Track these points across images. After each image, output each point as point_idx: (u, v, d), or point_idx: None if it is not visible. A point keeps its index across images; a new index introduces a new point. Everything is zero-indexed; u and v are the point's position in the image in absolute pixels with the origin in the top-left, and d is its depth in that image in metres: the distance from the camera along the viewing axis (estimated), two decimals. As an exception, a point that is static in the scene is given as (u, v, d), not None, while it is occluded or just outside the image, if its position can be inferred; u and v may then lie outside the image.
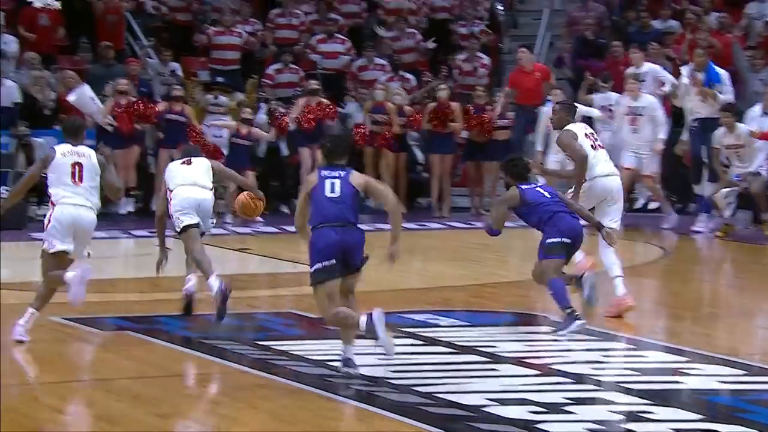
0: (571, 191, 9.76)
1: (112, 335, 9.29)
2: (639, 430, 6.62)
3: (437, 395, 7.25)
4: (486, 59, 19.10)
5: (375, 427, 6.79)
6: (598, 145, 9.97)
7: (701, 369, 8.05)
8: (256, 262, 12.95)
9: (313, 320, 9.02)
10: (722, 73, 15.42)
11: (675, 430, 6.61)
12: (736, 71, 17.33)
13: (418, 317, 9.66)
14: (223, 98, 17.42)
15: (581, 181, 9.73)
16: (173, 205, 9.62)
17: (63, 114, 16.27)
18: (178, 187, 9.64)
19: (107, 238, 13.77)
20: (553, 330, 9.14)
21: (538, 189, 9.45)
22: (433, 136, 17.26)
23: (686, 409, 7.08)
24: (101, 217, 9.29)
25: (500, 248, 10.41)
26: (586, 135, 9.98)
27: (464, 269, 10.10)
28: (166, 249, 9.73)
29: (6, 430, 6.62)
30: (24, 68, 17.21)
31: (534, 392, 7.34)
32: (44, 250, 8.91)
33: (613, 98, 16.34)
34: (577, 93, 17.06)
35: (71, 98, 16.09)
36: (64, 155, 9.00)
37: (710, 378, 7.85)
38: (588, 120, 16.33)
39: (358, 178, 7.71)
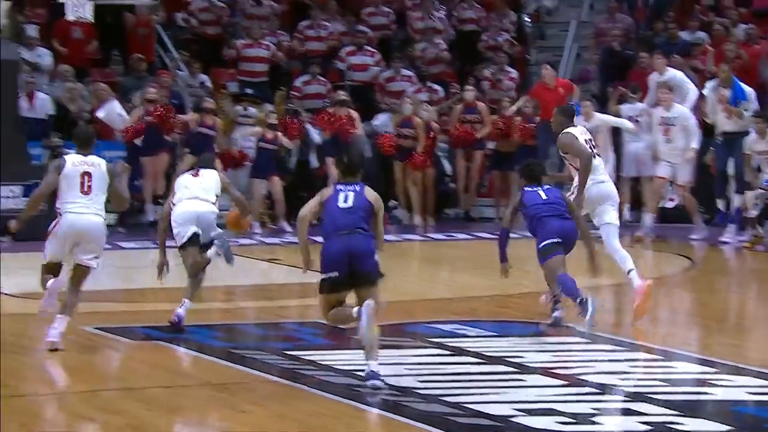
0: (570, 194, 9.85)
1: (142, 344, 9.30)
2: (667, 440, 6.59)
3: (465, 405, 7.23)
4: (514, 73, 19.08)
5: (402, 437, 6.78)
6: (595, 153, 10.12)
7: (730, 380, 7.99)
8: (285, 272, 12.95)
9: (340, 330, 9.00)
10: (748, 90, 15.33)
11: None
12: (764, 82, 17.25)
13: (446, 327, 9.63)
14: (252, 109, 17.46)
15: (585, 182, 9.82)
16: (173, 218, 9.69)
17: (95, 126, 16.38)
18: (180, 200, 9.70)
19: (136, 248, 13.81)
20: (583, 328, 9.19)
21: (539, 192, 9.56)
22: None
23: (714, 420, 7.02)
24: (132, 227, 9.34)
25: (526, 259, 10.39)
26: (585, 140, 10.11)
27: (491, 279, 10.06)
28: (166, 259, 9.75)
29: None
30: (57, 81, 17.31)
31: (561, 402, 7.30)
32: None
33: (639, 108, 16.44)
34: (607, 104, 17.04)
35: (100, 114, 16.20)
36: (74, 165, 9.03)
37: (738, 389, 7.79)
38: (616, 130, 16.37)
39: (371, 194, 7.84)
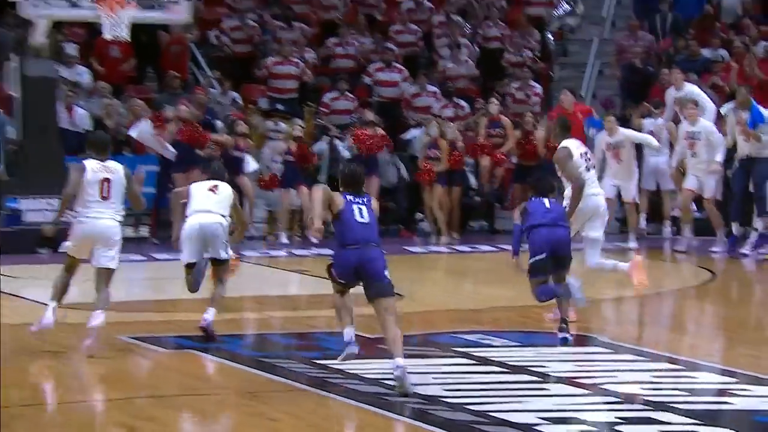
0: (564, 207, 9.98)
1: (174, 353, 9.32)
2: (688, 449, 6.54)
3: (490, 413, 7.20)
4: (538, 88, 19.04)
5: (429, 445, 6.76)
6: (591, 165, 10.25)
7: (750, 390, 7.92)
8: (313, 283, 12.94)
9: (368, 340, 9.00)
10: (766, 113, 15.21)
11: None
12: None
13: (471, 337, 9.60)
14: (282, 125, 17.49)
15: (575, 206, 9.96)
16: (182, 231, 9.69)
17: (130, 142, 16.48)
18: (192, 213, 9.68)
19: (169, 260, 13.83)
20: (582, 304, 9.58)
21: (543, 201, 9.63)
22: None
23: (734, 429, 6.96)
24: (164, 239, 9.36)
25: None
26: (580, 154, 10.18)
27: (515, 291, 10.03)
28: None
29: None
30: (95, 97, 17.40)
31: (584, 411, 7.27)
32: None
33: (660, 123, 16.47)
34: (630, 119, 17.01)
35: (133, 133, 16.27)
36: (94, 171, 9.11)
37: (758, 399, 7.72)
38: (638, 145, 16.29)
39: (375, 207, 8.22)
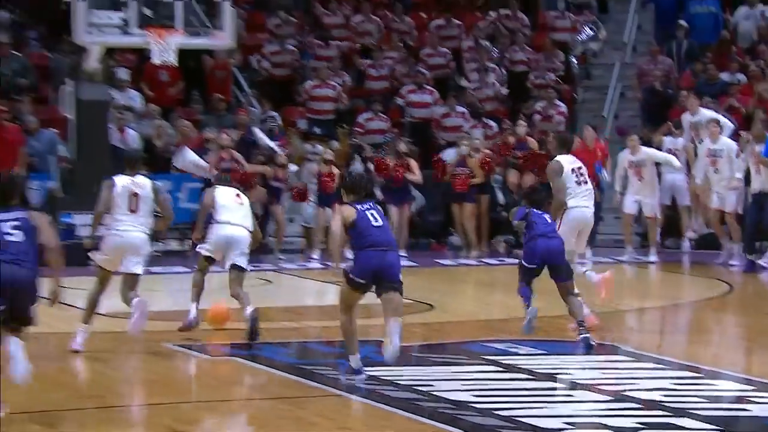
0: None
1: (219, 361, 9.31)
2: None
3: (517, 419, 7.15)
4: (563, 107, 18.98)
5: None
6: (582, 180, 10.31)
7: (767, 397, 7.83)
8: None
9: (401, 347, 8.95)
10: None
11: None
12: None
13: (499, 346, 9.56)
14: (319, 147, 17.52)
15: (556, 215, 10.14)
16: (211, 234, 9.82)
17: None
18: (222, 222, 9.79)
19: (213, 272, 13.84)
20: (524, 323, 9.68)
21: (544, 216, 9.86)
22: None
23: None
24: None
25: (576, 283, 10.31)
26: (572, 170, 10.23)
27: (540, 302, 9.98)
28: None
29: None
30: (145, 119, 17.50)
31: (608, 417, 7.20)
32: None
33: (679, 143, 16.38)
34: (651, 139, 16.92)
35: (177, 163, 16.35)
36: (123, 186, 9.20)
37: (776, 405, 7.64)
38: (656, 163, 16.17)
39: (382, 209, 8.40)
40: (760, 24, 19.97)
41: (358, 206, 8.17)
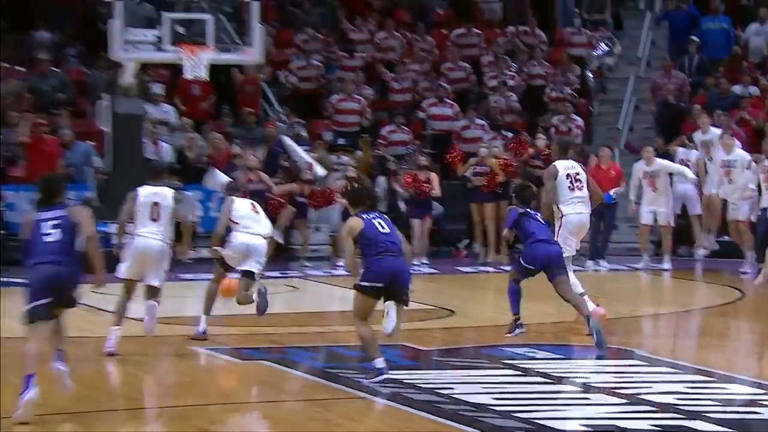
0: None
1: (249, 364, 9.32)
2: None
3: (535, 421, 7.12)
4: (579, 121, 18.92)
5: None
6: (576, 186, 10.25)
7: (778, 401, 7.79)
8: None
9: (423, 352, 8.94)
10: None
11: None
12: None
13: (517, 350, 9.52)
14: (344, 158, 17.54)
15: (546, 215, 10.13)
16: (230, 242, 9.85)
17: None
18: (241, 230, 9.82)
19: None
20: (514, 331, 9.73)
21: (537, 215, 9.91)
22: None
23: (764, 438, 6.83)
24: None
25: (591, 289, 10.26)
26: (567, 175, 10.21)
27: (557, 307, 9.94)
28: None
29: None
30: (178, 132, 17.57)
31: (623, 419, 7.16)
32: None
33: (692, 155, 16.33)
34: (668, 145, 16.84)
35: (206, 183, 16.40)
36: (145, 196, 9.24)
37: (786, 409, 7.58)
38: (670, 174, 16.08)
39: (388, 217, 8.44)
40: (770, 40, 19.88)
41: (365, 216, 8.18)
